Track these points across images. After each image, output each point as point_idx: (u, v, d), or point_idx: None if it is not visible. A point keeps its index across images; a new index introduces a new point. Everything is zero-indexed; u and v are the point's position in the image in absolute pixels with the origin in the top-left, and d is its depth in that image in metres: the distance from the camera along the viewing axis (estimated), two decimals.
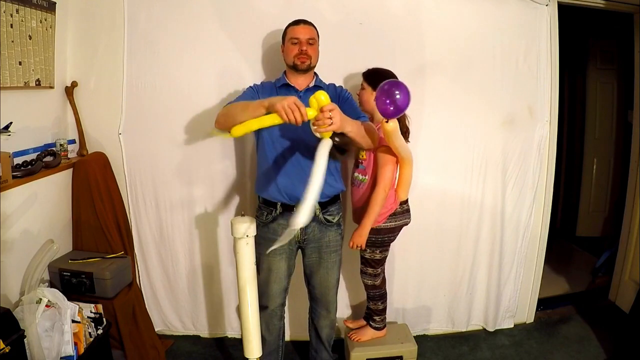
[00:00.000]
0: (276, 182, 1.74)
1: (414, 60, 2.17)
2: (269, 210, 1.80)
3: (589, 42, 3.66)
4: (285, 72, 1.83)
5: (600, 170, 3.79)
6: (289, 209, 1.77)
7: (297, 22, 1.77)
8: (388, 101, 1.48)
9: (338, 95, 1.82)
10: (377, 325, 2.14)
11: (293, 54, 1.74)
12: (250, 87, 1.83)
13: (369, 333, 2.15)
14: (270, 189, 1.76)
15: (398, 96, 1.47)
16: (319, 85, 1.81)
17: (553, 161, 2.40)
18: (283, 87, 1.80)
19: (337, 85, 1.90)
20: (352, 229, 2.11)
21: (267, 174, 1.77)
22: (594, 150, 3.79)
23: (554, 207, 2.51)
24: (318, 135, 1.46)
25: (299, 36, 1.74)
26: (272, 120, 1.41)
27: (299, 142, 1.72)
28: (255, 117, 1.47)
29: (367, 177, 1.91)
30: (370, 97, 1.83)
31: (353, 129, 1.51)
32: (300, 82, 1.80)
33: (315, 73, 1.84)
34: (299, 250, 1.90)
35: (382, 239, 1.96)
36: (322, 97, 1.37)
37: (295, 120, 1.36)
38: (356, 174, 1.96)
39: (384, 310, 2.14)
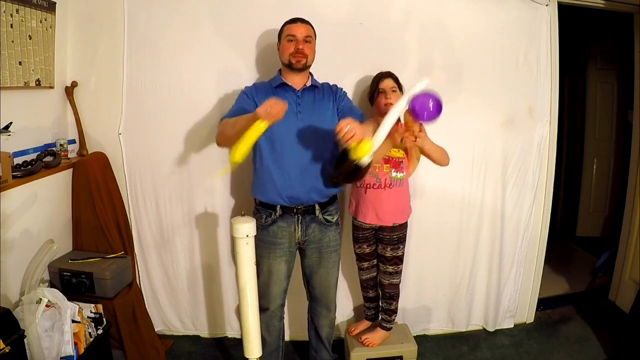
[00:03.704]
0: (275, 184, 1.72)
1: (413, 60, 2.16)
2: (268, 213, 1.78)
3: (589, 42, 3.66)
4: (280, 71, 1.81)
5: (600, 170, 3.79)
6: (289, 211, 1.76)
7: (294, 20, 1.75)
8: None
9: (335, 93, 1.81)
10: (390, 326, 2.13)
11: (289, 52, 1.71)
12: (242, 92, 1.77)
13: (381, 335, 2.13)
14: (269, 191, 1.74)
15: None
16: (315, 85, 1.80)
17: (553, 161, 2.40)
18: (280, 87, 1.76)
19: (331, 84, 1.87)
20: (350, 229, 2.11)
21: (265, 175, 1.74)
22: (594, 150, 3.79)
23: (554, 207, 2.50)
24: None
25: (295, 33, 1.71)
26: (258, 128, 1.36)
27: (296, 142, 1.69)
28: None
29: (405, 173, 1.95)
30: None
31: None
32: (296, 81, 1.76)
33: (310, 73, 1.82)
34: (297, 251, 1.90)
35: (407, 232, 2.03)
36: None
37: (276, 114, 1.33)
38: (394, 174, 1.93)
39: None
